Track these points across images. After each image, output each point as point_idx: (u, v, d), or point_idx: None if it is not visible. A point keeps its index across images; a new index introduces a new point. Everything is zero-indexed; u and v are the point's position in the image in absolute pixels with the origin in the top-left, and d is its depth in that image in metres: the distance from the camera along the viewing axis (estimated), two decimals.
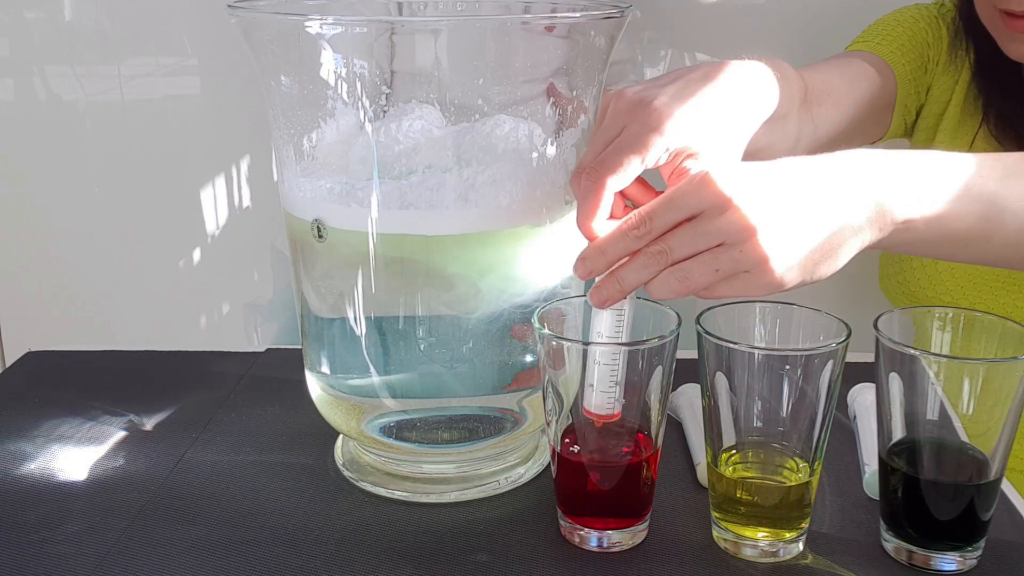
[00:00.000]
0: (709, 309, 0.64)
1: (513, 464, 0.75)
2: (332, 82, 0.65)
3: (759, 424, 0.63)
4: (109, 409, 0.85)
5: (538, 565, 0.64)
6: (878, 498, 0.67)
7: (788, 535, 0.65)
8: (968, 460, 0.62)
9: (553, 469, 0.67)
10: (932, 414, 0.62)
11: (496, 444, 0.72)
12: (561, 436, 0.65)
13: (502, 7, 0.84)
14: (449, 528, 0.68)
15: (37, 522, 0.69)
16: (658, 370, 0.63)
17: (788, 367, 0.61)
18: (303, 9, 0.78)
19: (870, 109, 1.01)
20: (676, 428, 0.80)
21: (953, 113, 1.10)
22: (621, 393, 0.63)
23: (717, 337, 0.61)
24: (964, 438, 0.62)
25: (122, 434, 0.81)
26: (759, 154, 0.64)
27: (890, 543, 0.65)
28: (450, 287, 0.68)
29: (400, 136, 0.66)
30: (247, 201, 1.60)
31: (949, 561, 0.64)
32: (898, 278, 1.15)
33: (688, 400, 0.81)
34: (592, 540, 0.66)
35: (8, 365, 0.96)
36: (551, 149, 0.68)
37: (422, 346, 0.69)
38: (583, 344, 0.63)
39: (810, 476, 0.63)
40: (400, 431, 0.72)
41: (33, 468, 0.76)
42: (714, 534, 0.67)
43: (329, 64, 0.64)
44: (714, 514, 0.66)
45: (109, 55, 1.51)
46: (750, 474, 0.64)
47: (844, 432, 0.79)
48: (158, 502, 0.71)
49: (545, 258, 0.70)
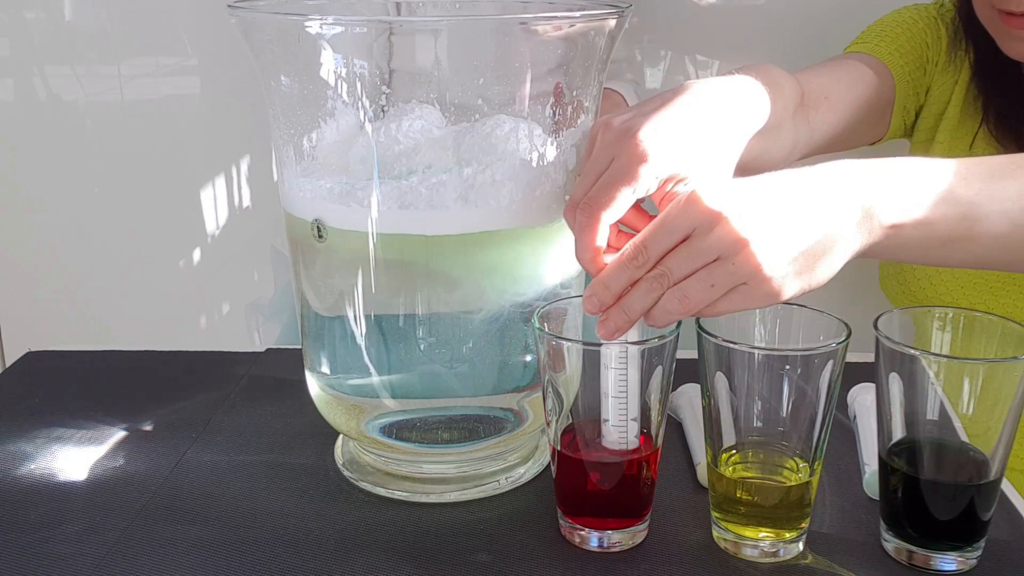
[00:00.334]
0: None
1: (513, 464, 0.75)
2: (332, 82, 0.65)
3: (759, 424, 0.63)
4: (109, 409, 0.85)
5: (538, 565, 0.64)
6: (878, 498, 0.67)
7: (788, 535, 0.65)
8: (968, 460, 0.62)
9: (553, 469, 0.67)
10: (932, 414, 0.62)
11: (496, 444, 0.72)
12: (561, 436, 0.65)
13: (500, 7, 0.84)
14: (449, 528, 0.68)
15: (37, 522, 0.69)
16: (658, 370, 0.63)
17: (788, 367, 0.61)
18: (303, 9, 0.78)
19: (868, 111, 1.01)
20: (676, 428, 0.80)
21: (953, 113, 1.10)
22: (637, 429, 0.64)
23: (717, 337, 0.61)
24: (964, 438, 0.62)
25: (122, 434, 0.81)
26: (753, 163, 0.64)
27: (890, 543, 0.65)
28: (450, 287, 0.68)
29: (400, 136, 0.66)
30: (247, 201, 1.60)
31: (949, 561, 0.64)
32: (898, 278, 1.15)
33: (688, 400, 0.81)
34: (592, 540, 0.66)
35: (8, 365, 0.96)
36: (551, 149, 0.68)
37: (422, 346, 0.69)
38: (583, 344, 0.63)
39: (810, 476, 0.63)
40: (400, 431, 0.72)
41: (33, 468, 0.76)
42: (714, 534, 0.67)
43: (329, 64, 0.64)
44: (714, 514, 0.66)
45: (109, 55, 1.51)
46: (750, 474, 0.64)
47: (844, 432, 0.79)
48: (158, 502, 0.71)
49: (545, 258, 0.70)
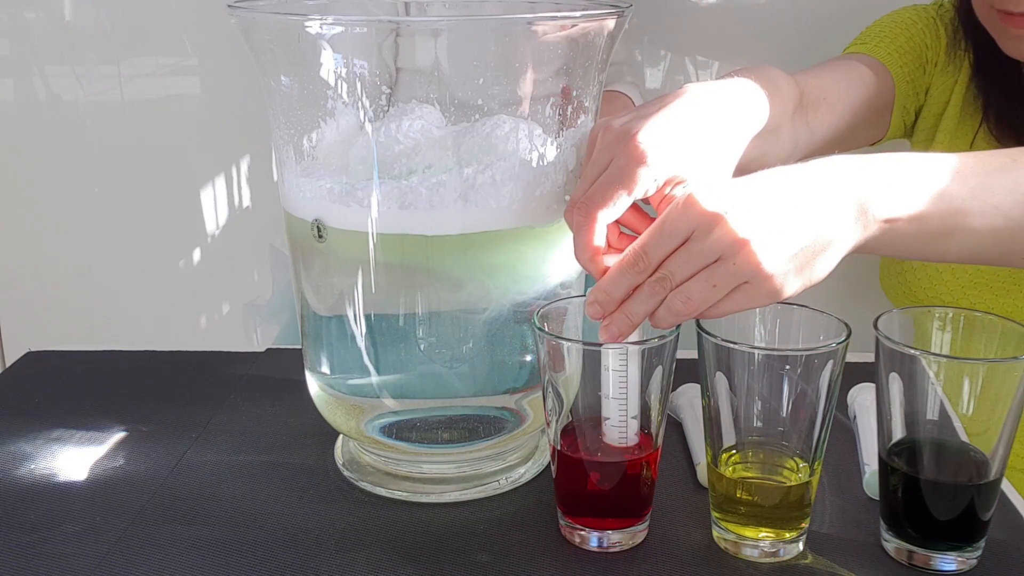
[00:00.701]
0: None
1: (513, 464, 0.75)
2: (332, 82, 0.65)
3: (759, 424, 0.63)
4: (109, 409, 0.85)
5: (538, 565, 0.64)
6: (878, 498, 0.67)
7: (788, 535, 0.65)
8: (968, 460, 0.62)
9: (553, 469, 0.67)
10: (932, 414, 0.62)
11: (496, 444, 0.72)
12: (561, 436, 0.65)
13: (504, 7, 0.84)
14: (449, 528, 0.68)
15: (37, 522, 0.69)
16: (658, 370, 0.63)
17: (788, 367, 0.61)
18: (303, 9, 0.78)
19: (868, 112, 1.01)
20: (676, 428, 0.80)
21: (952, 113, 1.10)
22: (637, 426, 0.64)
23: (717, 337, 0.61)
24: (964, 438, 0.62)
25: (122, 434, 0.81)
26: (752, 165, 0.64)
27: (890, 543, 0.65)
28: (450, 287, 0.68)
29: (400, 136, 0.66)
30: (247, 201, 1.60)
31: (949, 561, 0.64)
32: (899, 278, 1.16)
33: (688, 400, 0.81)
34: (592, 540, 0.66)
35: (8, 365, 0.96)
36: (551, 149, 0.68)
37: (422, 346, 0.69)
38: (583, 344, 0.63)
39: (810, 476, 0.63)
40: (400, 431, 0.72)
41: (33, 468, 0.76)
42: (714, 534, 0.67)
43: (329, 64, 0.64)
44: (714, 514, 0.66)
45: (109, 55, 1.51)
46: (750, 474, 0.64)
47: (844, 432, 0.79)
48: (158, 502, 0.71)
49: (545, 258, 0.70)
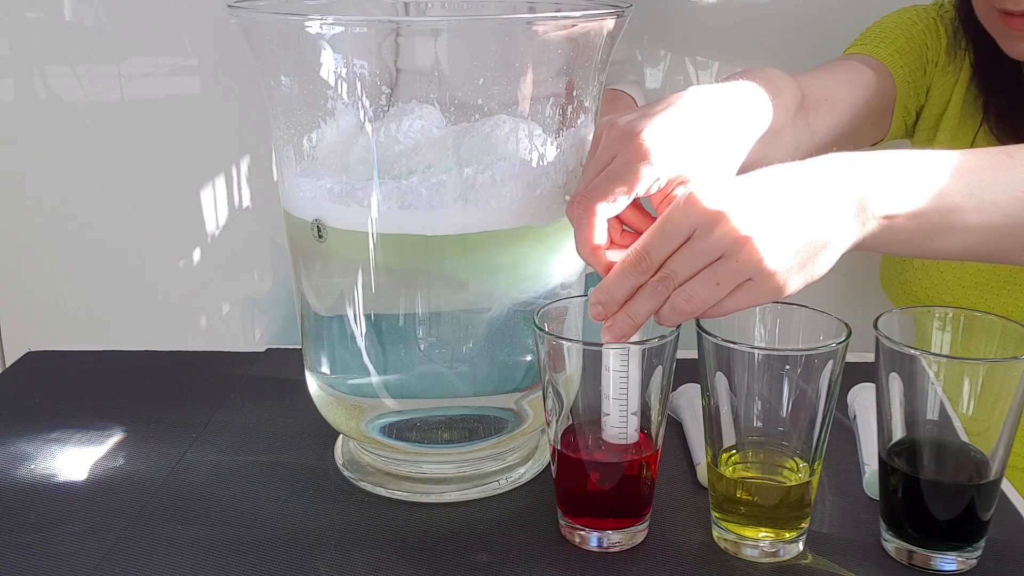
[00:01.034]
0: None
1: (513, 464, 0.75)
2: (332, 82, 0.65)
3: (759, 424, 0.63)
4: (109, 409, 0.85)
5: (538, 565, 0.64)
6: (878, 498, 0.67)
7: (788, 535, 0.65)
8: (968, 460, 0.62)
9: (553, 469, 0.67)
10: (932, 414, 0.62)
11: (496, 444, 0.72)
12: (561, 436, 0.65)
13: (505, 7, 0.84)
14: (449, 528, 0.68)
15: (37, 522, 0.69)
16: (658, 370, 0.63)
17: (788, 367, 0.61)
18: (303, 9, 0.78)
19: (868, 113, 1.01)
20: (676, 428, 0.80)
21: (953, 113, 1.10)
22: (637, 423, 0.64)
23: (717, 337, 0.61)
24: (964, 438, 0.62)
25: (122, 434, 0.81)
26: (754, 167, 0.65)
27: (890, 543, 0.65)
28: (449, 287, 0.68)
29: (400, 136, 0.66)
30: (247, 201, 1.60)
31: (949, 561, 0.64)
32: (899, 278, 1.16)
33: (688, 400, 0.81)
34: (592, 540, 0.66)
35: (8, 365, 0.96)
36: (551, 149, 0.68)
37: (422, 346, 0.69)
38: (583, 344, 0.63)
39: (810, 476, 0.63)
40: (400, 431, 0.72)
41: (33, 468, 0.76)
42: (714, 534, 0.67)
43: (329, 64, 0.64)
44: (714, 514, 0.66)
45: (109, 55, 1.51)
46: (750, 474, 0.64)
47: (844, 432, 0.79)
48: (158, 502, 0.71)
49: (545, 258, 0.70)
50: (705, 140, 0.65)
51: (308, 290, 0.72)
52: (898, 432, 0.64)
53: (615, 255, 0.62)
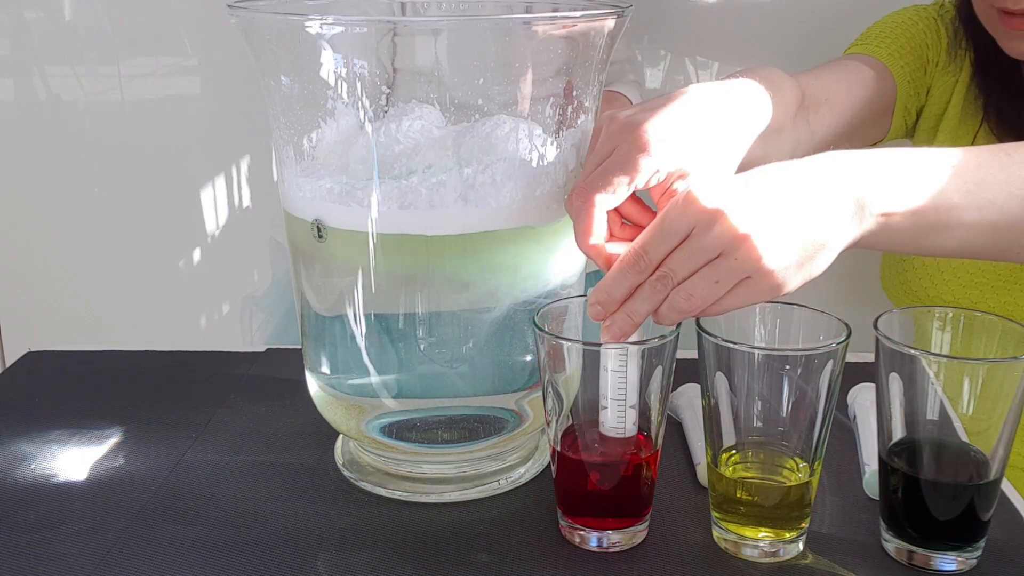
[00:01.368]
0: None
1: (513, 464, 0.75)
2: (332, 82, 0.65)
3: (759, 424, 0.63)
4: (109, 409, 0.85)
5: (538, 565, 0.64)
6: (878, 498, 0.67)
7: (788, 535, 0.65)
8: (968, 460, 0.62)
9: (553, 469, 0.67)
10: (932, 414, 0.62)
11: (496, 444, 0.72)
12: (561, 436, 0.65)
13: (503, 7, 0.84)
14: (449, 528, 0.68)
15: (37, 522, 0.69)
16: (658, 370, 0.63)
17: (788, 367, 0.61)
18: (303, 9, 0.78)
19: (868, 112, 1.01)
20: (676, 428, 0.80)
21: (953, 113, 1.10)
22: (635, 417, 0.63)
23: (717, 337, 0.61)
24: (964, 438, 0.62)
25: (122, 434, 0.81)
26: (754, 165, 0.65)
27: (890, 543, 0.65)
28: (449, 287, 0.68)
29: (400, 136, 0.66)
30: (247, 201, 1.60)
31: (949, 561, 0.64)
32: (899, 278, 1.16)
33: (688, 400, 0.81)
34: (592, 540, 0.66)
35: (8, 365, 0.96)
36: (551, 149, 0.68)
37: (422, 346, 0.69)
38: (583, 344, 0.63)
39: (810, 476, 0.63)
40: (400, 431, 0.72)
41: (33, 468, 0.76)
42: (714, 534, 0.67)
43: (329, 64, 0.64)
44: (714, 514, 0.66)
45: (109, 55, 1.51)
46: (750, 474, 0.64)
47: (844, 432, 0.79)
48: (158, 502, 0.71)
49: (545, 258, 0.70)
50: (705, 135, 0.65)
51: (308, 290, 0.72)
52: (898, 432, 0.63)
53: (615, 248, 0.62)
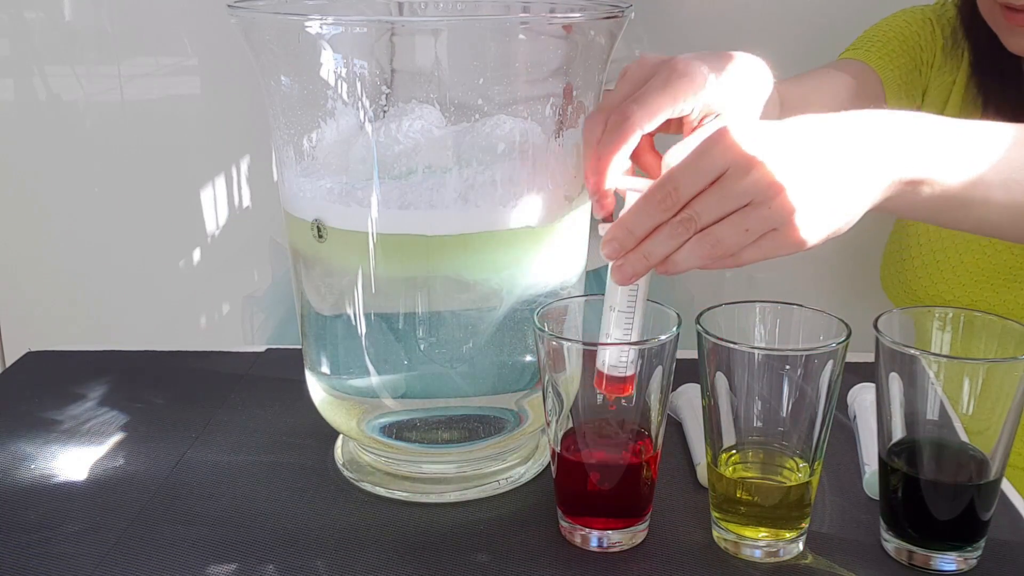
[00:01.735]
0: (709, 309, 0.64)
1: (513, 464, 0.75)
2: (332, 82, 0.65)
3: (759, 424, 0.63)
4: (109, 409, 0.85)
5: (538, 565, 0.64)
6: (878, 498, 0.67)
7: (788, 535, 0.65)
8: (968, 460, 0.62)
9: (553, 469, 0.67)
10: (932, 414, 0.62)
11: (496, 444, 0.72)
12: (561, 436, 0.65)
13: (501, 7, 0.84)
14: (449, 528, 0.68)
15: (37, 522, 0.69)
16: (658, 370, 0.63)
17: (788, 367, 0.61)
18: (303, 9, 0.78)
19: None
20: (676, 428, 0.80)
21: (951, 113, 1.10)
22: (636, 355, 0.62)
23: (717, 337, 0.61)
24: (964, 438, 0.62)
25: (122, 434, 0.81)
26: None
27: (890, 543, 0.65)
28: (449, 287, 0.68)
29: (400, 136, 0.66)
30: (247, 201, 1.60)
31: (949, 561, 0.64)
32: (899, 277, 1.16)
33: (688, 400, 0.81)
34: (592, 540, 0.66)
35: (8, 365, 0.96)
36: (551, 149, 0.68)
37: (422, 346, 0.69)
38: (583, 344, 0.63)
39: (810, 476, 0.63)
40: (400, 431, 0.72)
41: (33, 468, 0.76)
42: (714, 534, 0.67)
43: (329, 64, 0.64)
44: (714, 514, 0.66)
45: (109, 55, 1.51)
46: (750, 474, 0.64)
47: (844, 432, 0.79)
48: (158, 502, 0.71)
49: (545, 258, 0.70)
50: (738, 76, 0.64)
51: (308, 290, 0.72)
52: (898, 432, 0.63)
53: (628, 182, 0.60)
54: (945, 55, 1.10)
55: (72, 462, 0.77)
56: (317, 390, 0.75)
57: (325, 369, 0.73)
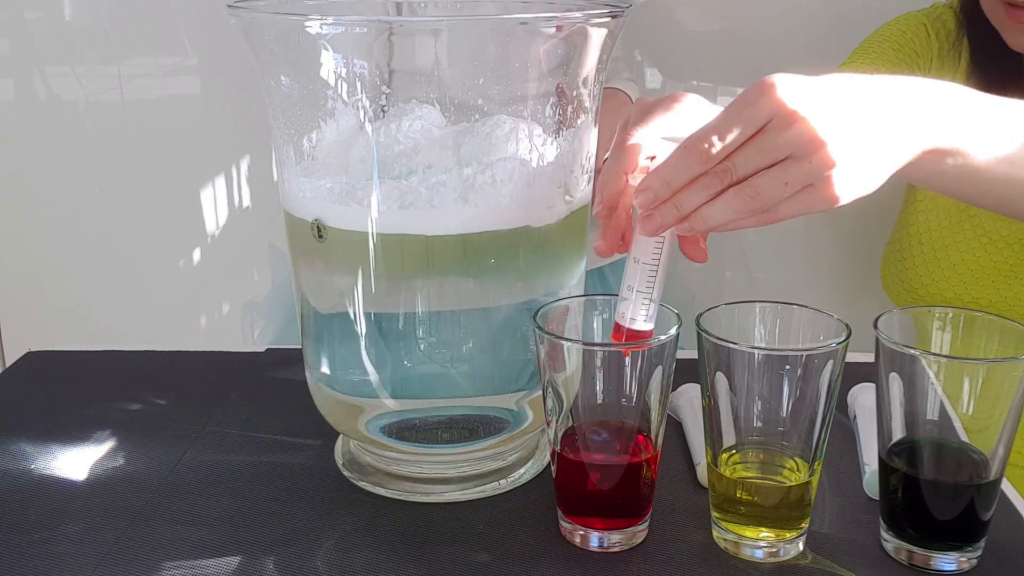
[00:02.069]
0: (709, 309, 0.64)
1: (513, 464, 0.75)
2: (332, 82, 0.65)
3: (759, 424, 0.63)
4: (109, 409, 0.85)
5: (538, 565, 0.64)
6: (878, 498, 0.67)
7: (788, 535, 0.65)
8: (968, 460, 0.62)
9: (553, 469, 0.67)
10: (932, 414, 0.62)
11: (496, 444, 0.72)
12: (561, 436, 0.65)
13: (500, 6, 0.84)
14: (449, 528, 0.68)
15: (37, 522, 0.69)
16: (658, 370, 0.63)
17: (788, 367, 0.61)
18: (303, 9, 0.78)
19: None
20: (676, 428, 0.80)
21: None
22: (656, 311, 0.62)
23: (717, 337, 0.61)
24: (964, 438, 0.62)
25: (122, 434, 0.81)
26: None
27: (890, 543, 0.65)
28: (449, 287, 0.68)
29: (400, 136, 0.66)
30: (247, 201, 1.60)
31: (949, 561, 0.64)
32: (900, 276, 1.16)
33: (688, 400, 0.81)
34: (592, 540, 0.66)
35: (8, 365, 0.96)
36: (551, 149, 0.68)
37: (422, 346, 0.69)
38: (583, 344, 0.63)
39: (810, 476, 0.63)
40: (400, 431, 0.72)
41: (33, 468, 0.76)
42: (714, 534, 0.67)
43: (329, 64, 0.64)
44: (714, 514, 0.66)
45: (109, 55, 1.51)
46: (750, 474, 0.64)
47: (844, 432, 0.79)
48: (158, 502, 0.71)
49: (545, 258, 0.70)
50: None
51: (308, 290, 0.72)
52: (898, 432, 0.63)
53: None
54: (942, 59, 1.11)
55: (72, 462, 0.77)
56: (317, 390, 0.75)
57: (325, 369, 0.73)
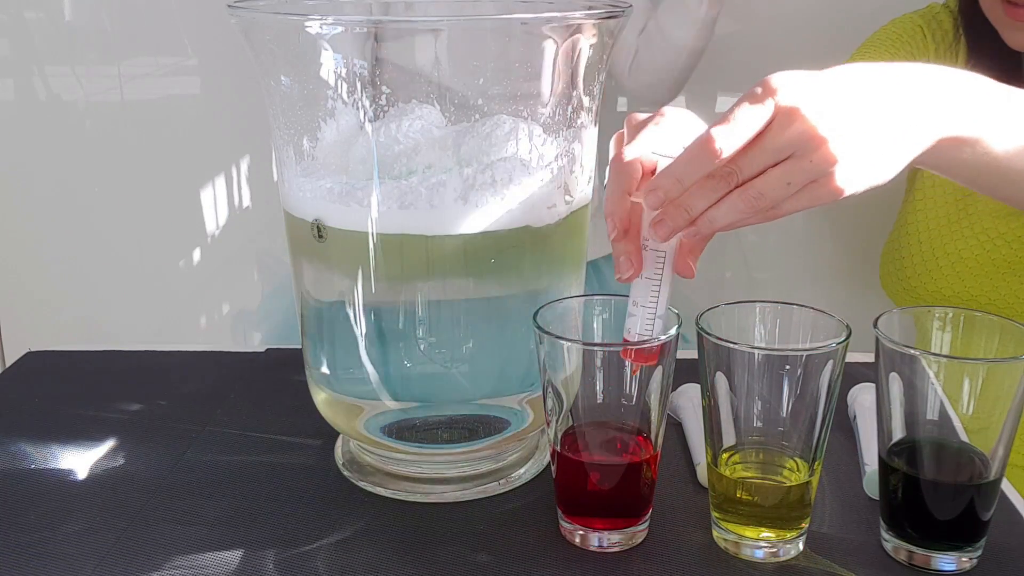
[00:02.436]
0: (709, 309, 0.64)
1: (513, 464, 0.75)
2: (332, 82, 0.65)
3: (759, 424, 0.63)
4: (109, 409, 0.85)
5: (538, 565, 0.64)
6: (878, 498, 0.67)
7: (788, 535, 0.65)
8: (968, 460, 0.62)
9: (553, 469, 0.67)
10: (932, 414, 0.62)
11: (496, 444, 0.72)
12: (561, 436, 0.65)
13: (500, 6, 0.84)
14: (449, 528, 0.68)
15: (37, 522, 0.69)
16: (658, 370, 0.63)
17: (788, 367, 0.61)
18: (303, 9, 0.78)
19: None
20: (676, 428, 0.80)
21: None
22: (663, 324, 0.63)
23: (717, 337, 0.61)
24: (964, 438, 0.62)
25: (122, 434, 0.81)
26: None
27: (890, 543, 0.65)
28: (449, 287, 0.68)
29: (400, 136, 0.66)
30: (247, 201, 1.60)
31: (949, 561, 0.64)
32: (899, 274, 1.16)
33: (688, 400, 0.81)
34: (592, 540, 0.66)
35: (8, 365, 0.96)
36: (551, 149, 0.68)
37: (422, 346, 0.69)
38: (583, 344, 0.63)
39: (810, 476, 0.63)
40: (400, 431, 0.72)
41: (33, 468, 0.76)
42: (714, 534, 0.67)
43: (329, 64, 0.64)
44: (714, 514, 0.66)
45: (109, 55, 1.51)
46: (750, 474, 0.64)
47: (844, 432, 0.79)
48: (158, 502, 0.71)
49: (545, 258, 0.70)
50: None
51: (308, 290, 0.72)
52: (898, 432, 0.64)
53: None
54: (939, 60, 1.11)
55: (72, 462, 0.77)
56: (317, 390, 0.75)
57: (325, 369, 0.73)
